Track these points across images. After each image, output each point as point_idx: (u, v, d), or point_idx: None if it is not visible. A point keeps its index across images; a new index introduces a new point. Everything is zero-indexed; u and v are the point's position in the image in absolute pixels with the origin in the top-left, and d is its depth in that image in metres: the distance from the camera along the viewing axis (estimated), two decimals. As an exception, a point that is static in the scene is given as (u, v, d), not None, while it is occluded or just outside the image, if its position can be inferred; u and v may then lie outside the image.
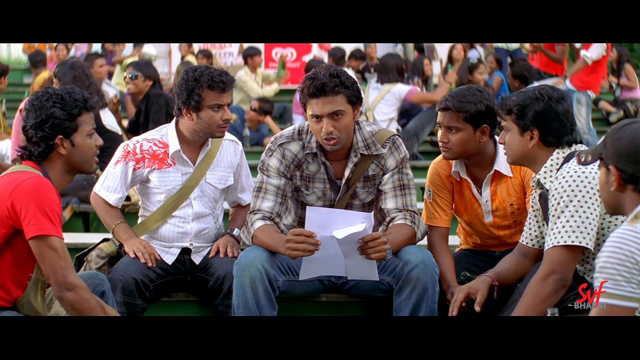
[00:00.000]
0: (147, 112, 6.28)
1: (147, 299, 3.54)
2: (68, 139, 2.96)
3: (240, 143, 3.89)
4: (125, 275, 3.45)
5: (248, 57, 10.31)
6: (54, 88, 3.02)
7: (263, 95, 9.70)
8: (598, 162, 2.47)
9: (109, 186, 3.67)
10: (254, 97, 9.44)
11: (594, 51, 8.42)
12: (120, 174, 3.63)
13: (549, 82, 8.81)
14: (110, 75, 10.22)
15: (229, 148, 3.80)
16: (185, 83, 3.54)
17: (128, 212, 5.17)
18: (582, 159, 2.53)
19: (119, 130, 5.96)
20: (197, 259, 3.71)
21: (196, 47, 11.89)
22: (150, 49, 11.56)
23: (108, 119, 6.01)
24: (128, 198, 5.29)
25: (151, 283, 3.55)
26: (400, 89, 7.66)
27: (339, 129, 3.33)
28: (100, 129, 5.67)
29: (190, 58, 10.74)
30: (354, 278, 3.38)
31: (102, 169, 4.07)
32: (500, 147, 3.49)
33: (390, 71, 7.73)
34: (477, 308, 3.14)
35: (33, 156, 2.95)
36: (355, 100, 3.37)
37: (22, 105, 5.84)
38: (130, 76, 6.39)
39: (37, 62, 10.46)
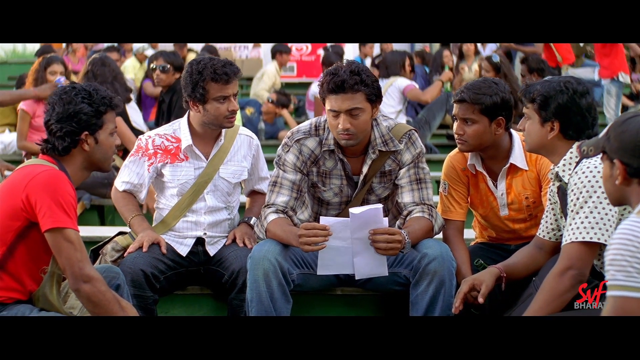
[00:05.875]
0: (170, 104, 6.20)
1: (159, 291, 3.53)
2: (93, 136, 2.97)
3: (255, 137, 3.86)
4: (133, 268, 3.43)
5: (277, 53, 10.31)
6: (80, 84, 3.04)
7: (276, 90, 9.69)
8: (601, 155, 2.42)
9: (122, 178, 3.71)
10: (264, 99, 9.37)
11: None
12: (133, 166, 3.67)
13: (579, 72, 8.76)
14: None
15: (244, 142, 3.78)
16: (190, 76, 3.54)
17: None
18: (584, 152, 2.48)
19: (145, 129, 5.93)
20: (211, 250, 3.69)
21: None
22: None
23: (135, 116, 5.97)
24: None
25: (161, 275, 3.53)
26: (400, 83, 7.62)
27: (355, 126, 3.31)
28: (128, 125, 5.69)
29: (192, 55, 10.65)
30: (363, 277, 3.31)
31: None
32: (516, 140, 3.47)
33: (391, 66, 7.70)
34: (480, 299, 3.10)
35: (56, 150, 2.96)
36: (375, 98, 3.35)
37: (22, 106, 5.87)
38: (161, 68, 6.31)
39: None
